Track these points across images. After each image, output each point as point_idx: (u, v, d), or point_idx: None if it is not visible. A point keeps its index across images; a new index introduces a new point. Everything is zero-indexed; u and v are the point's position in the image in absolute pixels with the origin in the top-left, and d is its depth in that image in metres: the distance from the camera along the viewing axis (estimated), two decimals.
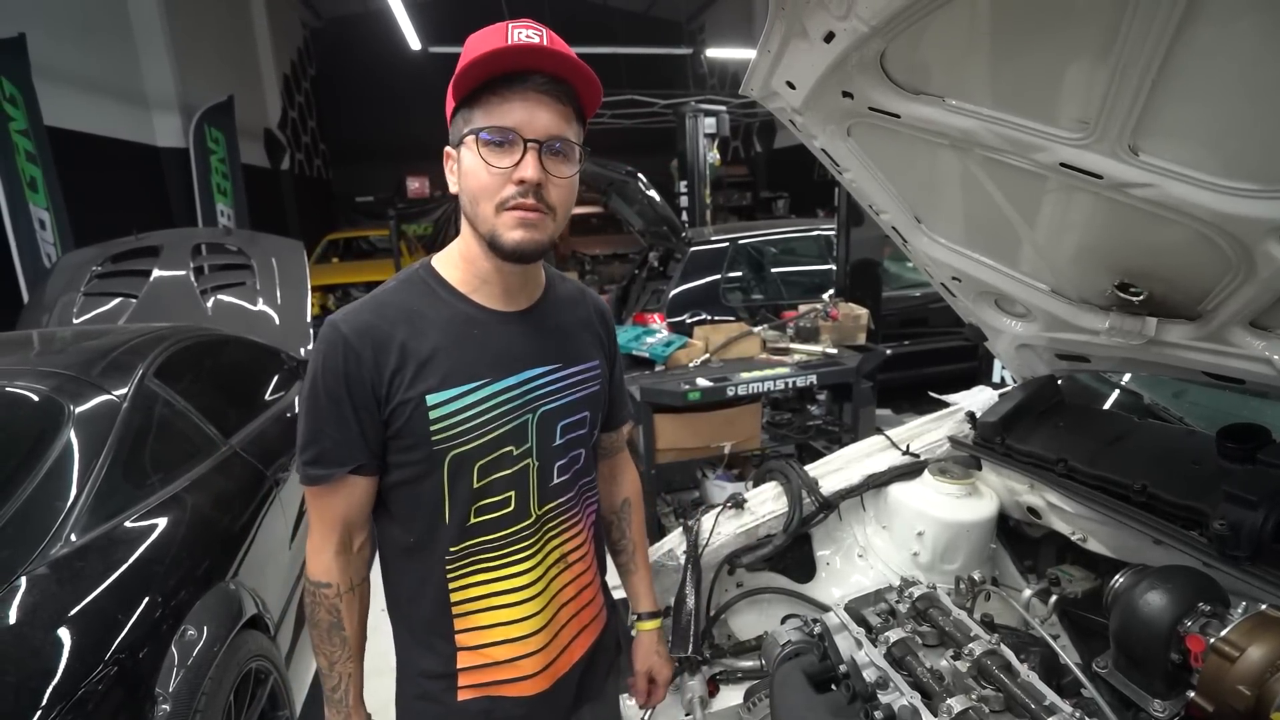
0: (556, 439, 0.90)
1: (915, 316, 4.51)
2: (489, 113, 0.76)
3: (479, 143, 0.76)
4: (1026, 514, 1.29)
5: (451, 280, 0.86)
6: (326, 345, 0.80)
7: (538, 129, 0.76)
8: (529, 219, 0.77)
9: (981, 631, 0.96)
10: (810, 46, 0.94)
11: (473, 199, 0.79)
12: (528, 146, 0.75)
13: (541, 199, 0.77)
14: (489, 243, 0.79)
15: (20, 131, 4.40)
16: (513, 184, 0.76)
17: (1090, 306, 1.15)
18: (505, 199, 0.76)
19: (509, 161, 0.76)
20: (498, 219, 0.77)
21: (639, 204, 4.13)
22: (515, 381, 0.85)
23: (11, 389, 1.66)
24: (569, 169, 0.79)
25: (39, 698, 1.08)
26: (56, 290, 3.35)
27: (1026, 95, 0.85)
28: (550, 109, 0.76)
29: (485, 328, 0.84)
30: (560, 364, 0.90)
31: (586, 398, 0.93)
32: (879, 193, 1.25)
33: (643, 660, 1.11)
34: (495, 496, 0.85)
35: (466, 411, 0.81)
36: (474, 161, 0.77)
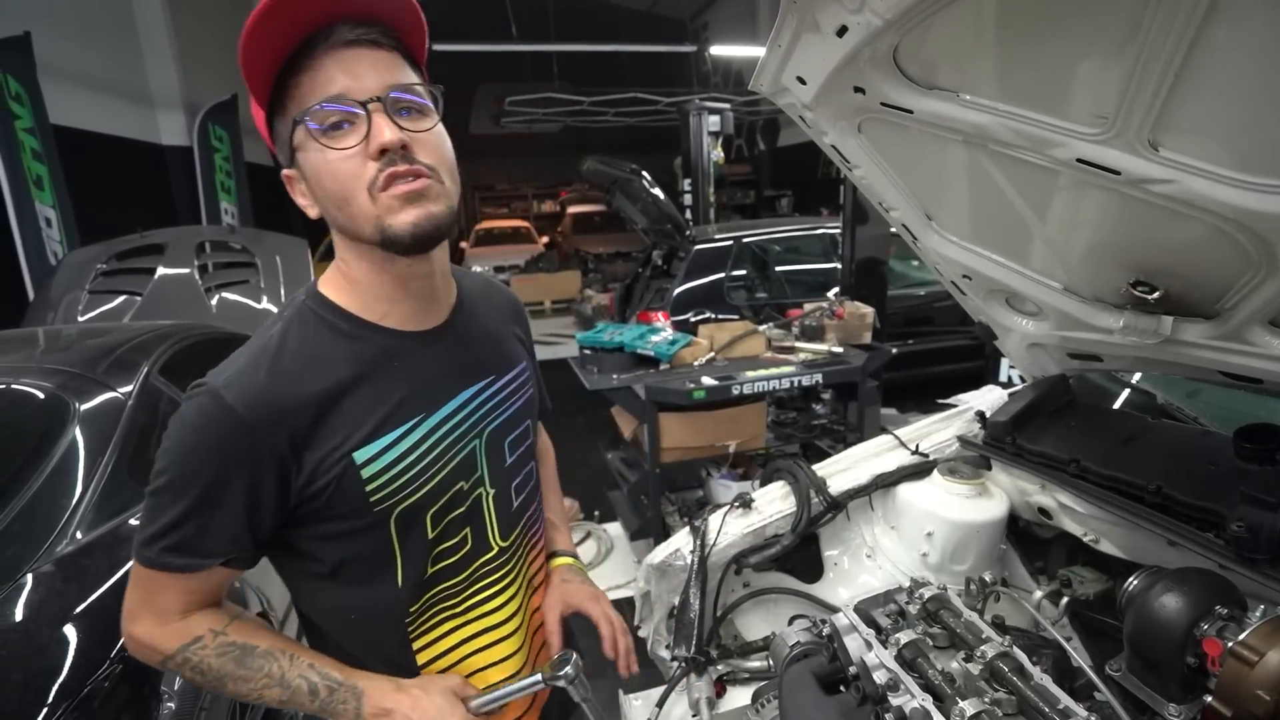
0: (507, 459, 0.81)
1: (920, 315, 4.50)
2: (304, 94, 0.62)
3: (310, 135, 0.63)
4: (1037, 515, 1.27)
5: (351, 308, 0.71)
6: (203, 420, 0.63)
7: (369, 85, 0.62)
8: (414, 189, 0.63)
9: (993, 633, 0.94)
10: (822, 41, 0.93)
11: (338, 201, 0.65)
12: (368, 108, 0.62)
13: (416, 162, 0.64)
14: (383, 242, 0.65)
15: (26, 129, 4.41)
16: (373, 160, 0.63)
17: (1104, 305, 1.13)
18: (372, 179, 0.63)
19: (356, 138, 0.62)
20: (378, 206, 0.63)
21: (643, 202, 4.13)
22: (453, 408, 0.74)
23: (17, 386, 1.66)
24: (429, 119, 0.66)
25: (45, 695, 1.08)
26: (62, 288, 3.36)
27: (1043, 90, 0.84)
28: (372, 58, 0.63)
29: (406, 356, 0.72)
30: (494, 376, 0.80)
31: (525, 405, 0.84)
32: (889, 189, 1.23)
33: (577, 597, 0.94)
34: (453, 539, 0.76)
35: (405, 459, 0.70)
36: (318, 157, 0.63)
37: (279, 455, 0.65)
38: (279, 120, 0.66)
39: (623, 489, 3.12)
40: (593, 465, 3.87)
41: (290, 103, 0.64)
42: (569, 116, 11.15)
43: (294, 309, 0.71)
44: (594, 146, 11.01)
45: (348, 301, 0.71)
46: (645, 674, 2.03)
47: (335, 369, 0.68)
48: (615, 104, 10.33)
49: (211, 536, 0.65)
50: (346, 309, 0.71)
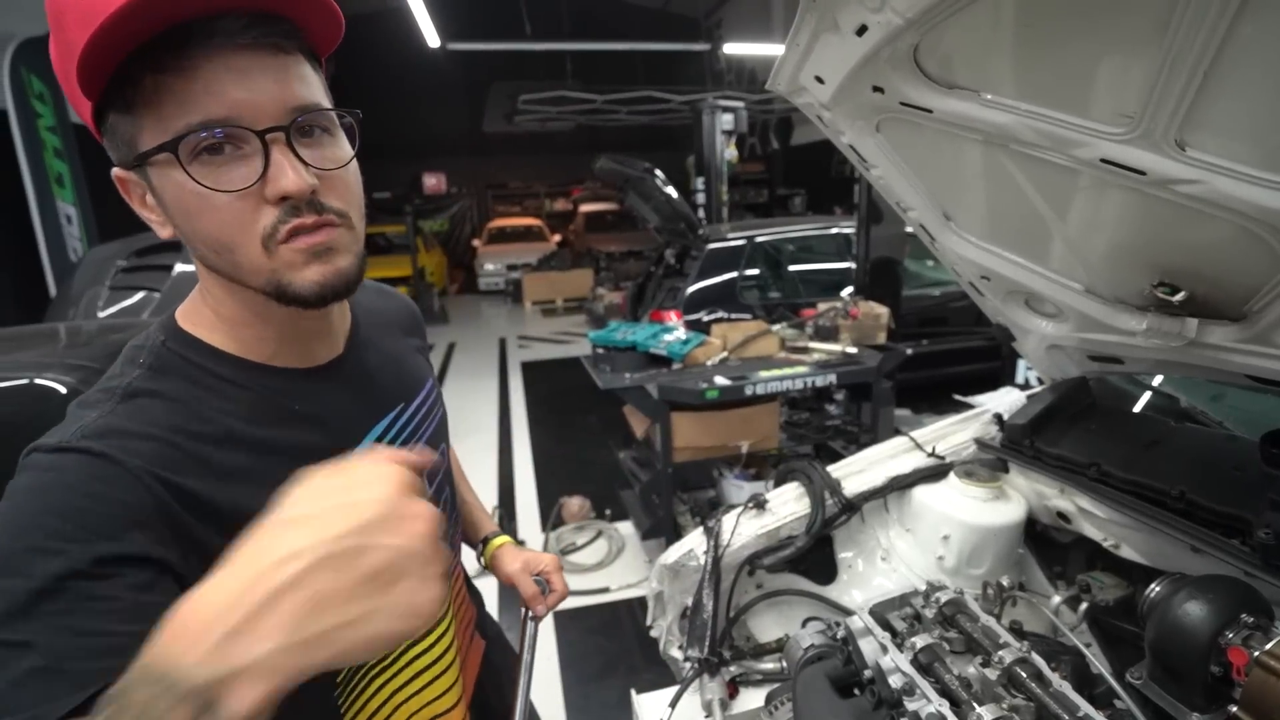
0: (427, 489, 0.71)
1: (935, 315, 4.46)
2: (174, 104, 0.46)
3: (184, 162, 0.47)
4: (1056, 519, 1.26)
5: (229, 348, 0.57)
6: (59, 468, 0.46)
7: (270, 106, 0.48)
8: (320, 242, 0.52)
9: (1011, 639, 0.93)
10: (841, 40, 0.92)
11: (216, 246, 0.51)
12: (267, 140, 0.48)
13: (324, 209, 0.52)
14: (278, 297, 0.53)
15: (49, 128, 4.48)
16: (270, 205, 0.50)
17: (1126, 307, 1.12)
18: (271, 229, 0.50)
19: (245, 175, 0.49)
20: (274, 260, 0.51)
21: (656, 201, 4.13)
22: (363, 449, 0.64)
23: (40, 381, 1.69)
24: (339, 148, 0.54)
25: None
26: (83, 284, 3.42)
27: (1067, 89, 0.83)
28: (272, 67, 0.49)
29: (304, 397, 0.60)
30: (403, 403, 0.70)
31: (439, 427, 0.76)
32: (907, 190, 1.22)
33: (517, 572, 0.89)
34: None
35: None
36: (189, 194, 0.49)
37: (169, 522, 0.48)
38: (115, 119, 0.49)
39: (634, 488, 3.12)
40: (604, 464, 3.88)
41: (143, 104, 0.47)
42: (582, 115, 11.17)
43: (153, 356, 0.55)
44: (607, 145, 11.03)
45: (223, 341, 0.57)
46: (657, 674, 2.03)
47: (229, 426, 0.54)
48: (628, 102, 10.34)
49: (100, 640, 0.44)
50: (224, 350, 0.57)
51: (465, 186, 14.26)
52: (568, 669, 2.30)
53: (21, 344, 2.12)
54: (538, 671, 0.90)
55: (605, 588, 2.79)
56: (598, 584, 2.81)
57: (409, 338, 0.79)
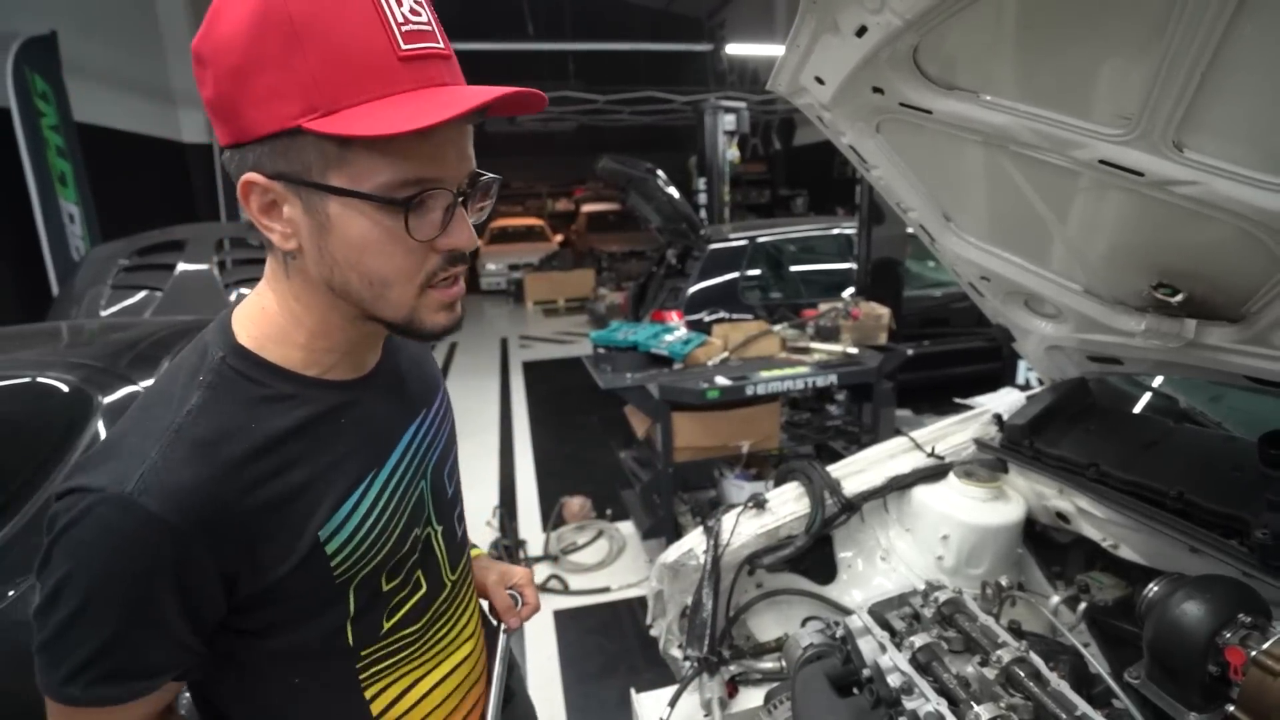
0: (448, 490, 0.76)
1: (936, 316, 4.46)
2: (400, 156, 0.51)
3: (376, 203, 0.52)
4: (1055, 519, 1.26)
5: (290, 364, 0.60)
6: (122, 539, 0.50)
7: (461, 173, 0.55)
8: (455, 295, 0.59)
9: (1009, 638, 0.94)
10: (841, 41, 0.92)
11: (376, 281, 0.55)
12: (458, 201, 0.55)
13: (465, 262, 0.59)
14: (400, 328, 0.59)
15: (52, 127, 4.49)
16: (437, 254, 0.56)
17: (1125, 308, 1.12)
18: (430, 275, 0.56)
19: (432, 225, 0.54)
20: (420, 300, 0.57)
21: (657, 201, 4.12)
22: (400, 453, 0.67)
23: (43, 379, 1.69)
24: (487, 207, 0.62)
25: None
26: (85, 283, 3.43)
27: (1066, 90, 0.83)
28: (465, 136, 0.56)
29: (350, 409, 0.63)
30: (425, 407, 0.73)
31: (452, 430, 0.80)
32: (907, 190, 1.23)
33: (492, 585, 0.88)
34: (406, 589, 0.69)
35: (366, 521, 0.62)
36: (378, 232, 0.53)
37: (224, 557, 0.53)
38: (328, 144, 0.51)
39: (635, 488, 3.12)
40: (605, 464, 3.88)
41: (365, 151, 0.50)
42: (584, 115, 11.17)
43: (210, 371, 0.57)
44: (609, 145, 11.03)
45: (283, 356, 0.60)
46: (657, 673, 2.04)
47: (282, 442, 0.57)
48: (631, 103, 10.34)
49: (153, 653, 0.54)
50: (283, 366, 0.59)
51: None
52: (568, 668, 2.31)
53: (24, 342, 2.13)
54: (540, 672, 0.90)
55: (606, 587, 2.79)
56: (598, 584, 2.82)
57: (417, 345, 0.80)
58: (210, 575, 0.53)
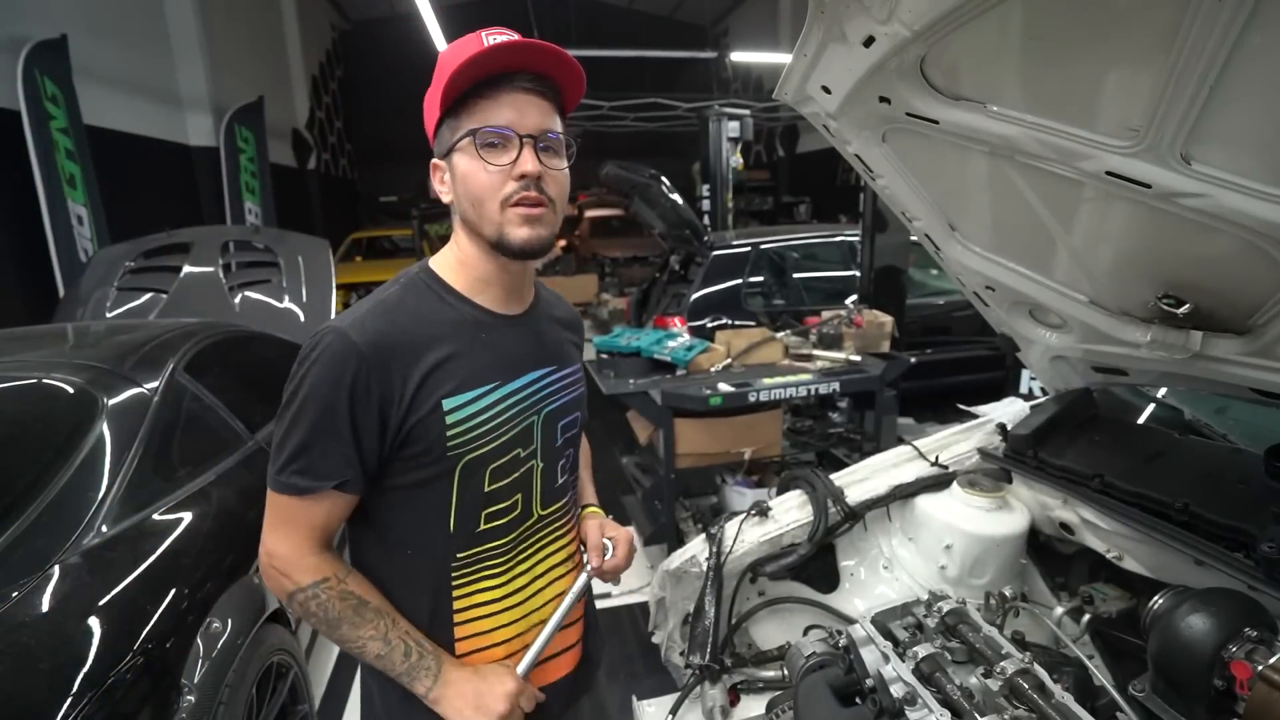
0: (558, 439, 0.91)
1: (939, 325, 4.45)
2: (480, 115, 0.78)
3: (476, 145, 0.78)
4: (1059, 529, 1.26)
5: (454, 284, 0.85)
6: (332, 355, 0.75)
7: (529, 125, 0.78)
8: (534, 214, 0.79)
9: (1013, 649, 0.93)
10: (848, 51, 0.93)
11: (475, 201, 0.79)
12: (523, 142, 0.77)
13: (543, 192, 0.79)
14: (496, 243, 0.80)
15: (61, 130, 4.52)
16: (513, 180, 0.77)
17: (1131, 319, 1.12)
18: (508, 195, 0.78)
19: (506, 159, 0.77)
20: (503, 216, 0.79)
21: (661, 207, 4.13)
22: (522, 384, 0.86)
23: (49, 380, 1.70)
24: (562, 161, 0.82)
25: (70, 685, 1.10)
26: (91, 285, 3.44)
27: (1073, 101, 0.83)
28: (537, 105, 0.79)
29: (492, 330, 0.85)
30: (556, 366, 0.91)
31: (578, 398, 0.95)
32: (913, 199, 1.23)
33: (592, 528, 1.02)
34: (504, 501, 0.85)
35: (480, 415, 0.81)
36: (472, 164, 0.78)
37: (384, 389, 0.76)
38: (449, 121, 0.80)
39: (637, 494, 3.12)
40: (607, 469, 3.88)
41: (465, 115, 0.78)
42: (588, 121, 11.21)
43: (409, 277, 0.85)
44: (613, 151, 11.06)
45: (453, 279, 0.85)
46: (659, 680, 2.03)
47: (437, 329, 0.81)
48: (635, 109, 10.37)
49: (329, 460, 0.75)
50: (451, 284, 0.85)
51: None
52: None
53: (31, 344, 2.14)
54: None
55: (606, 593, 2.78)
56: (599, 589, 2.81)
57: (567, 330, 1.00)
58: (373, 399, 0.75)
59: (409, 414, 0.77)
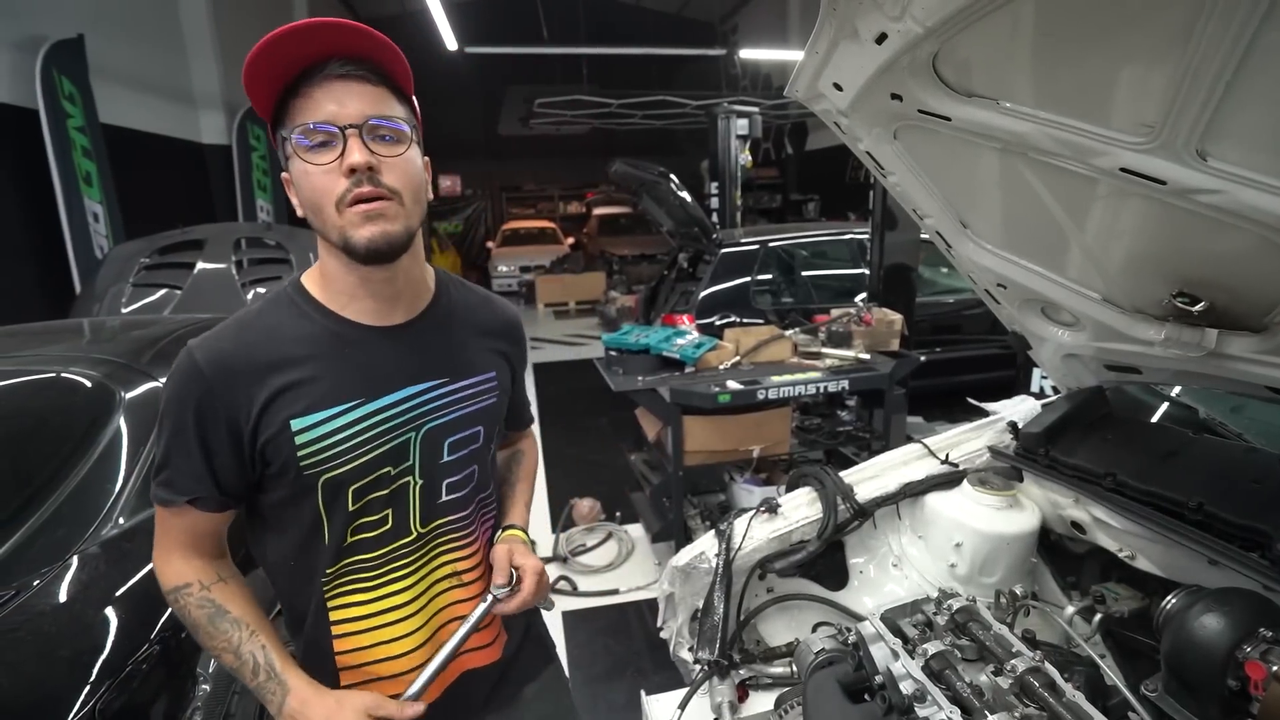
0: (444, 456, 0.86)
1: (948, 323, 4.43)
2: (297, 116, 0.72)
3: (297, 149, 0.72)
4: (1070, 528, 1.25)
5: (320, 298, 0.81)
6: (179, 374, 0.75)
7: (351, 114, 0.71)
8: (373, 209, 0.72)
9: (1024, 648, 0.93)
10: (860, 48, 0.93)
11: (313, 208, 0.74)
12: (346, 134, 0.71)
13: (380, 184, 0.73)
14: (344, 249, 0.74)
15: (78, 128, 4.57)
16: (343, 177, 0.71)
17: (1145, 316, 1.11)
18: (342, 195, 0.72)
19: (332, 156, 0.72)
20: (343, 219, 0.73)
21: (669, 205, 4.13)
22: (391, 400, 0.80)
23: (67, 375, 1.73)
24: (400, 148, 0.75)
25: (89, 672, 1.12)
26: (107, 281, 3.48)
27: (1087, 98, 0.83)
28: (358, 91, 0.72)
29: (357, 346, 0.80)
30: (446, 378, 0.85)
31: (479, 412, 0.88)
32: (924, 197, 1.22)
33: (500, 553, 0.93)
34: (373, 516, 0.82)
35: (337, 435, 0.77)
36: (300, 168, 0.73)
37: (231, 408, 0.75)
38: (280, 132, 0.75)
39: (645, 491, 3.12)
40: (615, 466, 3.89)
41: (287, 120, 0.73)
42: (597, 118, 11.21)
43: (275, 292, 0.83)
44: (621, 148, 11.07)
45: (319, 292, 0.81)
46: (667, 676, 2.03)
47: (291, 346, 0.78)
48: (643, 106, 10.36)
49: (182, 477, 0.76)
50: (316, 298, 0.81)
51: (480, 188, 14.35)
52: (576, 669, 2.31)
53: (48, 339, 2.17)
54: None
55: (614, 589, 2.79)
56: (607, 586, 2.82)
57: (487, 338, 0.92)
58: (220, 418, 0.75)
59: (257, 433, 0.76)
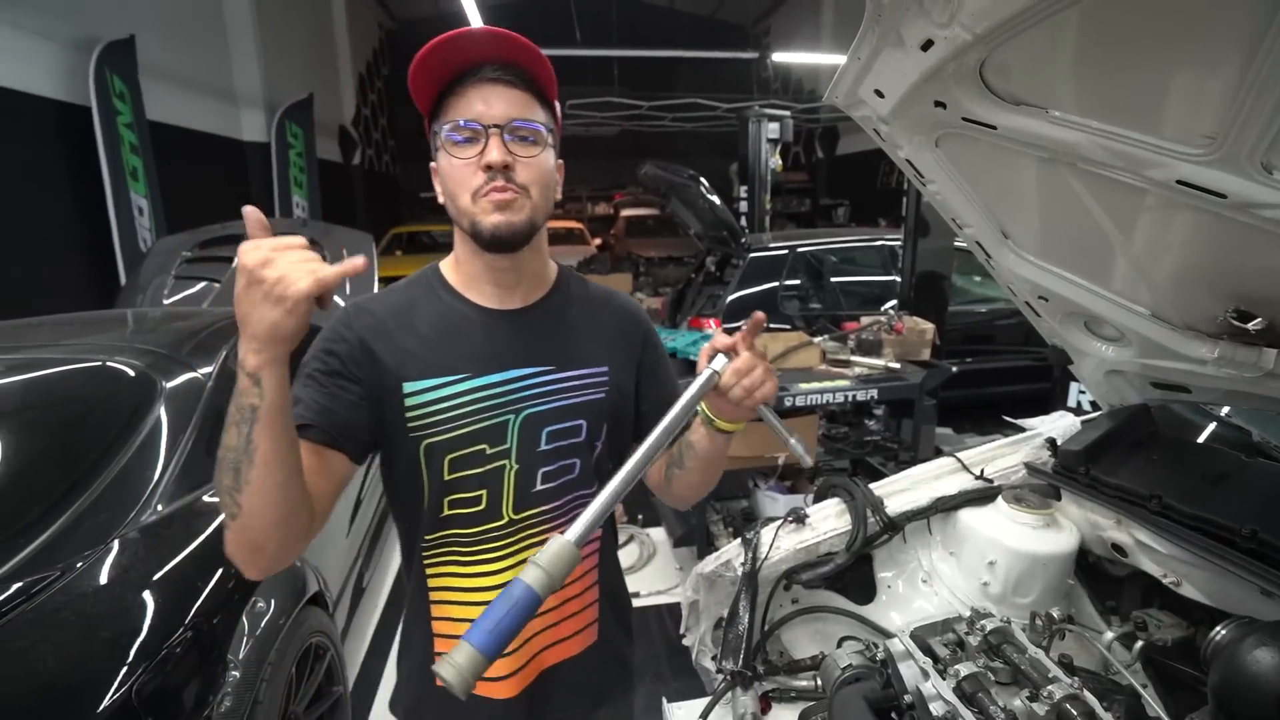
0: (541, 444, 0.87)
1: (980, 333, 4.34)
2: (450, 113, 0.80)
3: (445, 142, 0.80)
4: (1110, 551, 1.21)
5: (450, 279, 0.90)
6: (335, 323, 0.85)
7: (496, 114, 0.79)
8: (502, 199, 0.79)
9: (1061, 673, 0.90)
10: (905, 55, 0.91)
11: (451, 195, 0.82)
12: (489, 132, 0.78)
13: (512, 180, 0.79)
14: (472, 234, 0.81)
15: (126, 125, 4.73)
16: (481, 171, 0.79)
17: (1196, 333, 1.07)
18: (478, 187, 0.79)
19: (474, 151, 0.79)
20: (475, 207, 0.80)
21: (699, 208, 4.12)
22: (494, 380, 0.85)
23: (113, 363, 1.78)
24: (536, 149, 0.81)
25: (127, 654, 1.15)
26: (150, 273, 3.59)
27: (1143, 107, 0.80)
28: (506, 94, 0.79)
29: (472, 324, 0.87)
30: (552, 366, 0.88)
31: (583, 404, 0.89)
32: (965, 206, 1.20)
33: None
34: (467, 493, 0.86)
35: (440, 404, 0.83)
36: (446, 160, 0.81)
37: (363, 362, 0.82)
38: (433, 126, 0.83)
39: None
40: None
41: (440, 116, 0.81)
42: (627, 120, 11.25)
43: (420, 271, 0.93)
44: (650, 151, 11.07)
45: (449, 274, 0.90)
46: (686, 682, 2.02)
47: (417, 317, 0.87)
48: (673, 109, 10.36)
49: (303, 405, 0.79)
50: (446, 279, 0.90)
51: None
52: None
53: (95, 328, 2.25)
54: None
55: (635, 593, 2.78)
56: None
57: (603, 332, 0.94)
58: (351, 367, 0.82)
59: (378, 390, 0.82)
